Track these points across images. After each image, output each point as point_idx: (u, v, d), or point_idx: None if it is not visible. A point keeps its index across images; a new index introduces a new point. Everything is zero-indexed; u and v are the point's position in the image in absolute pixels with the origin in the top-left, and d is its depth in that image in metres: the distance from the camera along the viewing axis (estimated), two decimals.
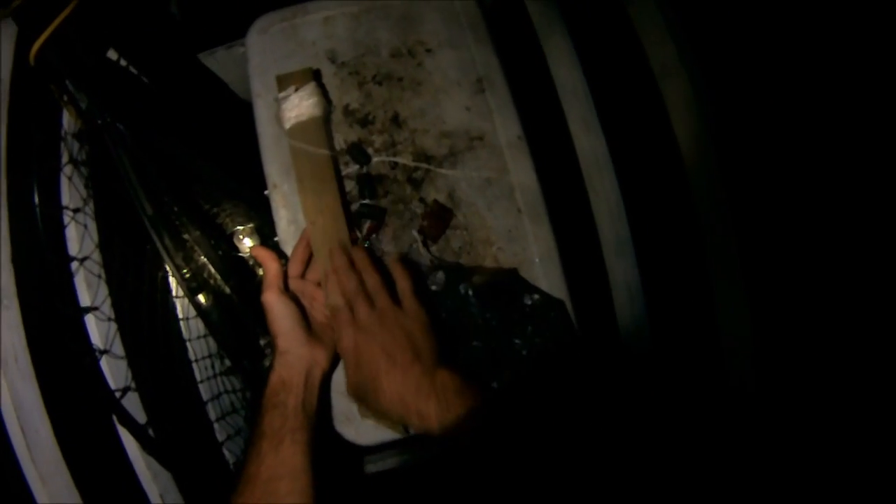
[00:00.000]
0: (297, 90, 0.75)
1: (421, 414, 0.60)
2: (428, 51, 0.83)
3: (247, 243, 0.94)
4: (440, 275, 0.75)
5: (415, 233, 0.77)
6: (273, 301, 0.67)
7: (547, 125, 0.88)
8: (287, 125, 0.74)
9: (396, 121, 0.81)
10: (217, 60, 0.96)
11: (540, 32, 0.88)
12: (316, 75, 0.81)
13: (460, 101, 0.82)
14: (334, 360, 0.71)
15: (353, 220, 0.77)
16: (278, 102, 0.75)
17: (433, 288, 0.76)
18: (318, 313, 0.71)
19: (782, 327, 0.69)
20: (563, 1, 0.86)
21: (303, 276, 0.72)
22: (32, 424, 0.76)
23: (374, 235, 0.77)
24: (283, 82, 0.77)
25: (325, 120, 0.77)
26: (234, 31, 0.94)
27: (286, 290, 0.69)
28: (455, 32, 0.85)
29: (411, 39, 0.84)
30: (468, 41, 0.85)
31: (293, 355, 0.66)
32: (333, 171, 0.73)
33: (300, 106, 0.74)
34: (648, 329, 0.82)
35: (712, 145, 0.68)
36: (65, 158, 0.80)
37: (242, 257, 0.93)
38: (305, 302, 0.71)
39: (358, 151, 0.77)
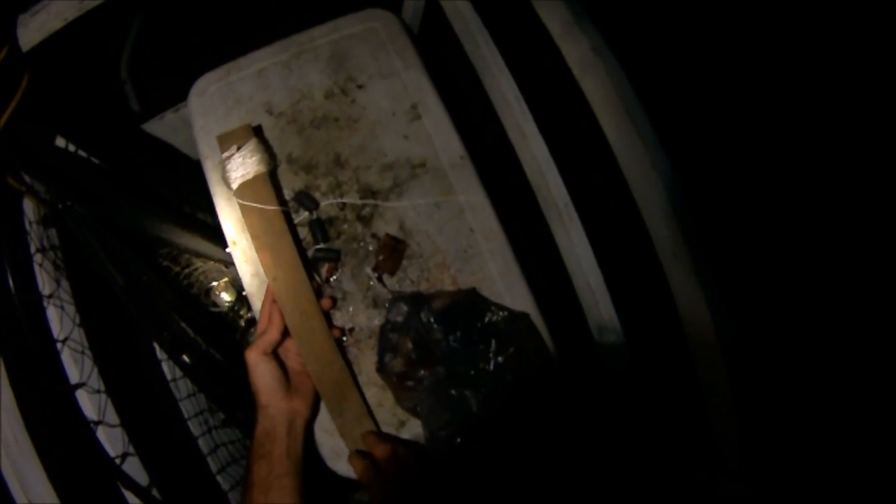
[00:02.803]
0: (238, 149, 0.74)
1: None
2: (360, 86, 0.85)
3: (224, 297, 0.96)
4: (402, 306, 0.76)
5: (369, 270, 0.78)
6: (254, 359, 0.69)
7: (492, 138, 0.89)
8: (234, 185, 0.72)
9: (339, 161, 0.82)
10: (167, 124, 0.99)
11: (467, 49, 0.88)
12: (256, 131, 0.81)
13: (398, 130, 0.83)
14: (315, 407, 0.73)
15: (311, 267, 0.78)
16: (222, 163, 0.74)
17: (397, 319, 0.77)
18: (294, 362, 0.73)
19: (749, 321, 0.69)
20: (486, 15, 0.86)
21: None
22: (40, 500, 0.79)
23: (332, 278, 0.79)
24: (224, 142, 0.75)
25: (272, 174, 0.77)
26: (182, 93, 0.96)
27: (268, 349, 0.70)
28: (383, 62, 0.86)
29: (342, 78, 0.85)
30: (397, 68, 0.86)
31: (274, 408, 0.69)
32: (286, 224, 0.73)
33: (244, 164, 0.73)
34: (619, 328, 0.82)
35: (639, 135, 0.68)
36: (33, 246, 0.83)
37: (220, 312, 0.95)
38: (280, 353, 0.72)
39: (304, 198, 0.79)
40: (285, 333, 0.71)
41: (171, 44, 1.12)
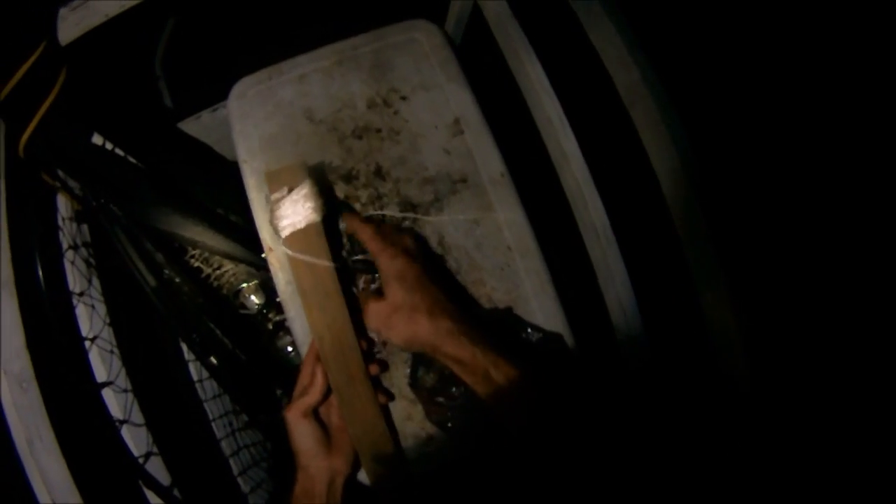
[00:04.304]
0: (290, 191, 0.66)
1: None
2: (403, 98, 0.84)
3: (253, 300, 0.96)
4: None
5: None
6: (294, 420, 0.67)
7: (531, 156, 0.89)
8: (283, 233, 0.65)
9: (379, 173, 0.82)
10: (202, 124, 0.98)
11: (511, 64, 0.88)
12: (314, 171, 0.73)
13: (439, 144, 0.83)
14: (356, 463, 0.71)
15: (350, 275, 0.78)
16: (270, 206, 0.67)
17: None
18: (335, 418, 0.71)
19: (771, 327, 0.70)
20: (531, 32, 0.86)
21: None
22: (64, 497, 0.79)
23: (370, 289, 0.79)
24: (274, 181, 0.67)
25: (325, 220, 0.69)
26: (219, 93, 0.94)
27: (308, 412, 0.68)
28: (427, 74, 0.86)
29: (385, 88, 0.85)
30: (440, 81, 0.85)
31: (314, 468, 0.68)
32: (338, 282, 0.67)
33: (296, 211, 0.65)
34: (648, 346, 0.83)
35: (684, 163, 0.69)
36: (65, 244, 0.82)
37: (249, 314, 0.95)
38: (322, 409, 0.71)
39: (344, 208, 0.79)
40: (327, 393, 0.69)
41: (207, 43, 1.11)
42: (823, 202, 0.72)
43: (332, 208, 0.73)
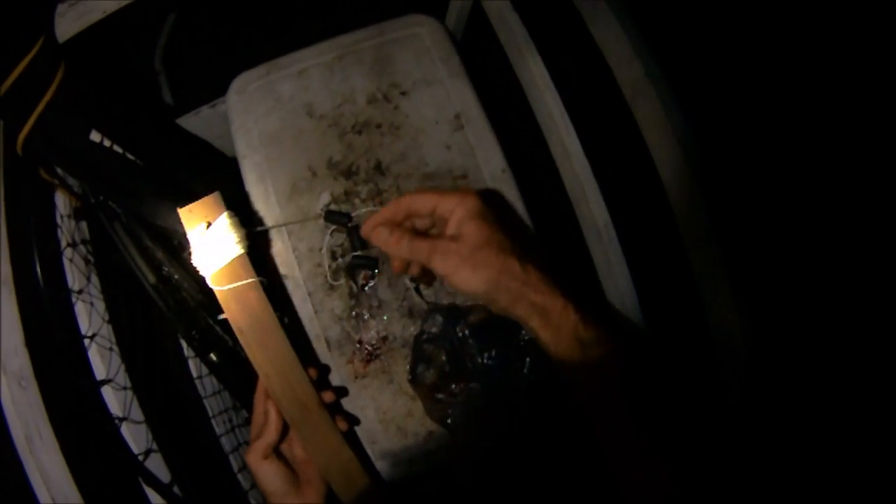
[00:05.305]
0: (209, 226, 0.61)
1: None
2: (403, 93, 0.84)
3: None
4: (437, 318, 0.76)
5: (407, 280, 0.78)
6: (256, 464, 0.66)
7: (532, 152, 0.88)
8: (207, 272, 0.61)
9: (380, 168, 0.81)
10: (202, 120, 0.97)
11: (512, 60, 0.88)
12: (230, 202, 0.66)
13: (440, 140, 0.82)
14: (329, 494, 0.69)
15: (350, 272, 0.78)
16: (190, 243, 0.62)
17: (432, 330, 0.77)
18: (299, 451, 0.69)
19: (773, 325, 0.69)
20: (533, 27, 0.85)
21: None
22: (63, 495, 0.79)
23: (368, 286, 0.78)
24: (190, 218, 0.62)
25: (250, 250, 0.64)
26: (219, 89, 0.93)
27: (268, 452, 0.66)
28: (428, 69, 0.85)
29: (385, 83, 0.84)
30: (442, 76, 0.85)
31: None
32: (274, 314, 0.63)
33: (217, 247, 0.61)
34: (648, 343, 0.82)
35: (685, 157, 0.68)
36: (63, 241, 0.82)
37: None
38: (284, 445, 0.69)
39: (335, 215, 0.76)
40: (284, 429, 0.67)
41: (206, 39, 1.11)
42: (830, 200, 0.71)
43: (255, 238, 0.69)
